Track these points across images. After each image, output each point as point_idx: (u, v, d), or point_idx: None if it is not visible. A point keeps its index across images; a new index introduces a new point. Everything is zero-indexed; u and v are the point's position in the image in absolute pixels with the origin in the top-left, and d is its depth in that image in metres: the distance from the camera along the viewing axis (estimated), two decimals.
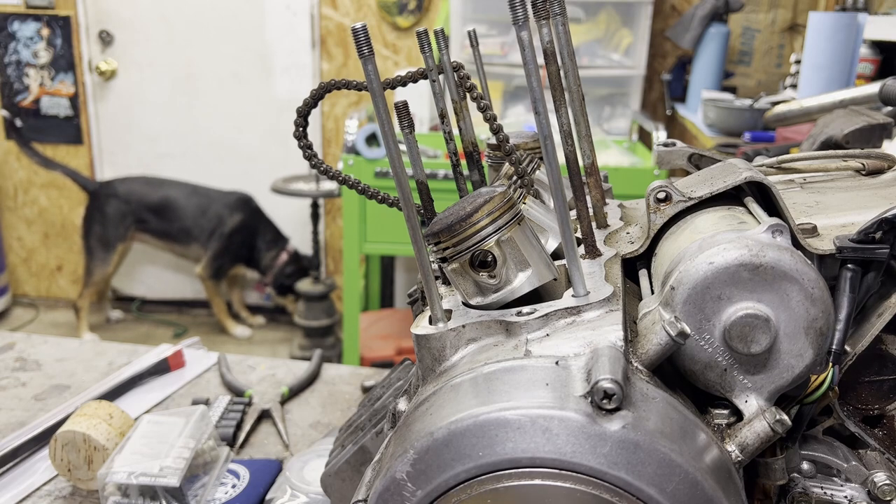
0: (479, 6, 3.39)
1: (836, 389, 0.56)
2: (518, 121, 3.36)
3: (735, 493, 0.47)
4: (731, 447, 0.50)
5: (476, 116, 0.69)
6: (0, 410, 1.17)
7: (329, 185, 3.65)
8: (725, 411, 0.53)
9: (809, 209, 0.66)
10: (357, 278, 3.08)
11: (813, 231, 0.60)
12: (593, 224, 0.69)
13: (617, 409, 0.44)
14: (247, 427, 1.13)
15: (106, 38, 4.09)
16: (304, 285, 3.80)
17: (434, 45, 0.66)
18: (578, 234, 0.63)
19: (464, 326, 0.54)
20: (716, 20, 3.30)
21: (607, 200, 0.76)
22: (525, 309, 0.54)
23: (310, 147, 0.68)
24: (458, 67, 0.67)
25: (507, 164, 0.75)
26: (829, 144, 1.34)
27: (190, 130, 4.16)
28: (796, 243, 0.57)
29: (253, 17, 3.97)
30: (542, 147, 0.51)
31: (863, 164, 0.77)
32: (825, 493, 0.58)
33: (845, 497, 0.58)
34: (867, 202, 0.67)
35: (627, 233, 0.68)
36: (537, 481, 0.45)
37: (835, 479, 0.59)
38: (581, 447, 0.44)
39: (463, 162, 0.69)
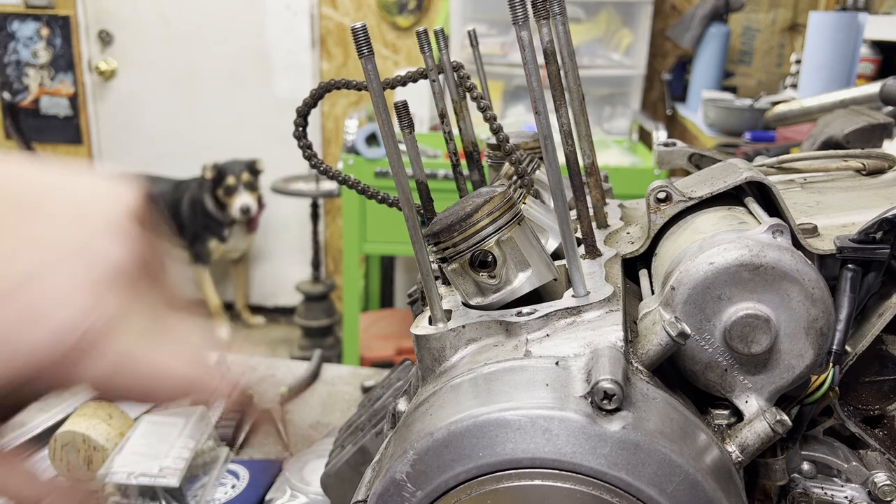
0: (479, 6, 3.39)
1: (837, 390, 0.56)
2: (518, 121, 3.36)
3: (735, 493, 0.47)
4: (732, 448, 0.50)
5: (476, 116, 0.68)
6: None
7: (329, 185, 3.65)
8: (726, 412, 0.53)
9: (810, 209, 0.66)
10: (357, 278, 3.08)
11: (813, 231, 0.60)
12: (593, 224, 0.69)
13: (617, 410, 0.44)
14: (246, 427, 1.12)
15: (105, 38, 4.09)
16: (305, 285, 3.80)
17: (434, 45, 0.65)
18: (578, 234, 0.63)
19: (464, 327, 0.54)
20: (716, 20, 3.30)
21: (607, 200, 0.76)
22: (525, 309, 0.54)
23: (310, 147, 0.68)
24: (458, 67, 0.67)
25: (507, 164, 0.74)
26: (829, 144, 1.34)
27: (190, 130, 4.16)
28: (797, 243, 0.57)
29: (253, 17, 3.97)
30: (542, 147, 0.51)
31: (863, 164, 0.77)
32: (825, 493, 0.58)
33: (846, 497, 0.58)
34: (867, 202, 0.67)
35: (627, 233, 0.68)
36: (537, 482, 0.45)
37: (835, 479, 0.59)
38: (581, 448, 0.44)
39: (463, 162, 0.69)
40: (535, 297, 0.56)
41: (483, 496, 0.45)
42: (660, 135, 2.93)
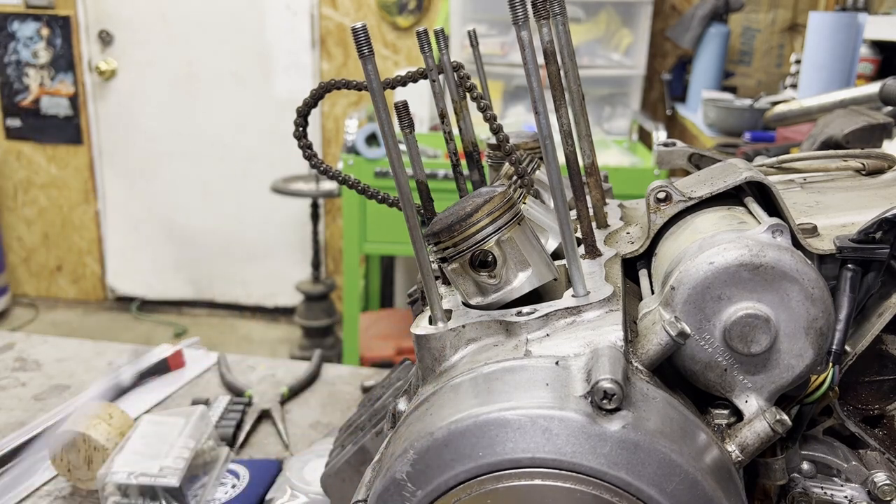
0: (479, 6, 3.39)
1: (836, 389, 0.56)
2: (518, 121, 3.36)
3: (735, 493, 0.47)
4: (732, 447, 0.50)
5: (476, 116, 0.69)
6: (0, 410, 1.17)
7: (329, 185, 3.65)
8: (725, 411, 0.53)
9: (809, 209, 0.66)
10: (357, 278, 3.08)
11: (813, 231, 0.60)
12: (593, 224, 0.69)
13: (617, 409, 0.44)
14: (247, 427, 1.13)
15: (106, 38, 4.09)
16: (305, 285, 3.80)
17: (434, 45, 0.66)
18: (578, 234, 0.63)
19: (464, 326, 0.54)
20: (716, 20, 3.30)
21: (607, 200, 0.76)
22: (525, 309, 0.54)
23: (310, 147, 0.68)
24: (458, 67, 0.67)
25: (507, 164, 0.75)
26: (829, 144, 1.34)
27: (190, 130, 4.16)
28: (796, 243, 0.57)
29: (253, 17, 3.97)
30: (542, 147, 0.51)
31: (863, 164, 0.77)
32: (825, 493, 0.58)
33: (845, 497, 0.58)
34: (867, 202, 0.67)
35: (627, 233, 0.68)
36: (537, 481, 0.45)
37: (835, 479, 0.59)
38: (581, 447, 0.44)
39: (463, 162, 0.69)
40: (534, 296, 0.56)
41: (483, 496, 0.45)
42: (660, 135, 2.93)
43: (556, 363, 0.49)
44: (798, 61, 2.66)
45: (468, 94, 0.67)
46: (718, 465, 0.47)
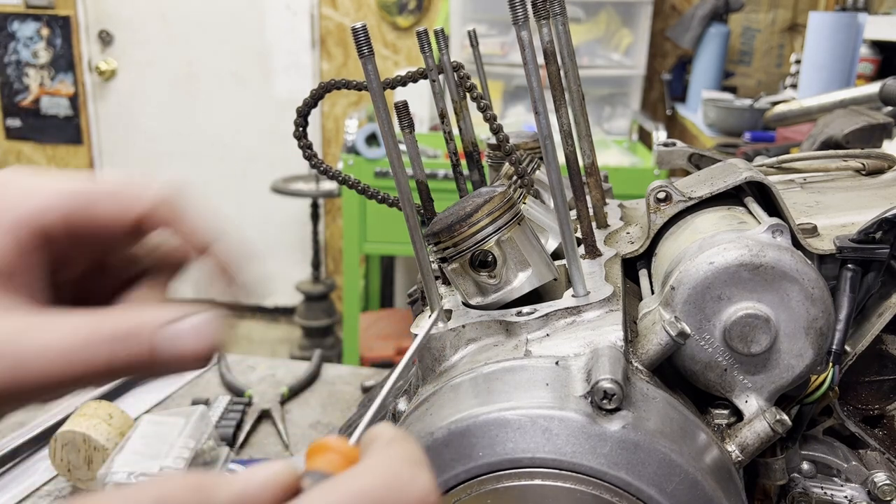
0: (479, 6, 3.39)
1: (836, 389, 0.56)
2: (518, 121, 3.36)
3: (735, 493, 0.47)
4: (732, 447, 0.50)
5: (476, 116, 0.69)
6: None
7: (329, 185, 3.65)
8: (725, 411, 0.53)
9: (809, 209, 0.66)
10: (357, 278, 3.08)
11: (813, 231, 0.60)
12: (593, 224, 0.69)
13: (617, 409, 0.44)
14: (247, 427, 1.12)
15: (106, 38, 4.09)
16: (305, 285, 3.80)
17: (434, 45, 0.66)
18: (578, 234, 0.63)
19: (464, 326, 0.54)
20: (716, 20, 3.30)
21: (607, 200, 0.76)
22: (525, 309, 0.54)
23: (310, 147, 0.68)
24: (458, 67, 0.67)
25: (507, 164, 0.75)
26: (829, 144, 1.34)
27: (190, 130, 4.16)
28: (796, 243, 0.57)
29: (253, 17, 3.97)
30: (542, 147, 0.51)
31: (863, 164, 0.77)
32: (825, 493, 0.58)
33: (845, 497, 0.58)
34: (867, 202, 0.67)
35: (627, 233, 0.68)
36: (537, 481, 0.45)
37: (835, 479, 0.59)
38: (581, 447, 0.44)
39: (463, 162, 0.69)
40: (534, 296, 0.56)
41: (483, 496, 0.45)
42: (660, 135, 2.93)
43: (556, 363, 0.49)
44: (798, 61, 2.66)
45: (468, 94, 0.67)
46: (718, 465, 0.47)
